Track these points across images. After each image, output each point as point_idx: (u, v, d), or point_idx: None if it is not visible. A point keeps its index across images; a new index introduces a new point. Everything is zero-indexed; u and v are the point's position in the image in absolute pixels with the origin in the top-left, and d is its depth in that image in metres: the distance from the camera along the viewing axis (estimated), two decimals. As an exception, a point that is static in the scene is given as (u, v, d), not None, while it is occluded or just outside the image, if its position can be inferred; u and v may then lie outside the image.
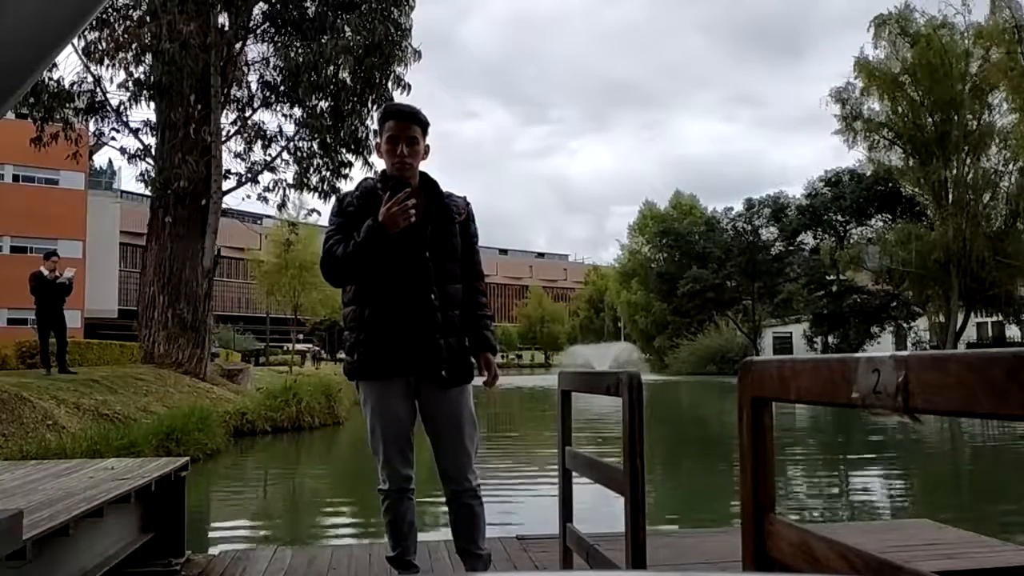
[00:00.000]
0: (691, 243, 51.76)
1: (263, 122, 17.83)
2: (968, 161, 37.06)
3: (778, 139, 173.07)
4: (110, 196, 41.75)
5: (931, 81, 35.91)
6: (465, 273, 2.87)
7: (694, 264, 50.09)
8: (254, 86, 17.42)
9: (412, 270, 2.73)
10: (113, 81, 16.22)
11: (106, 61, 15.38)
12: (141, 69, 15.85)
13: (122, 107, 16.26)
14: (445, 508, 2.93)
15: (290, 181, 17.35)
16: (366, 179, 2.94)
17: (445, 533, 4.17)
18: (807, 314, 44.68)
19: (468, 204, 2.95)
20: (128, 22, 15.60)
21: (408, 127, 2.77)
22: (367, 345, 2.75)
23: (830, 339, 43.73)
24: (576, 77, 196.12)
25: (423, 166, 2.88)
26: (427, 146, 2.85)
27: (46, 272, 11.79)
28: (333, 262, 2.74)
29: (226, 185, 16.43)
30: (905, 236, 36.95)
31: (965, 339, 38.26)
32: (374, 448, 2.81)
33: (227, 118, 16.84)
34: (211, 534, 6.33)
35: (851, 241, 43.06)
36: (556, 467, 2.76)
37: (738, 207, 51.24)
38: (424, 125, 2.82)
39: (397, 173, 2.76)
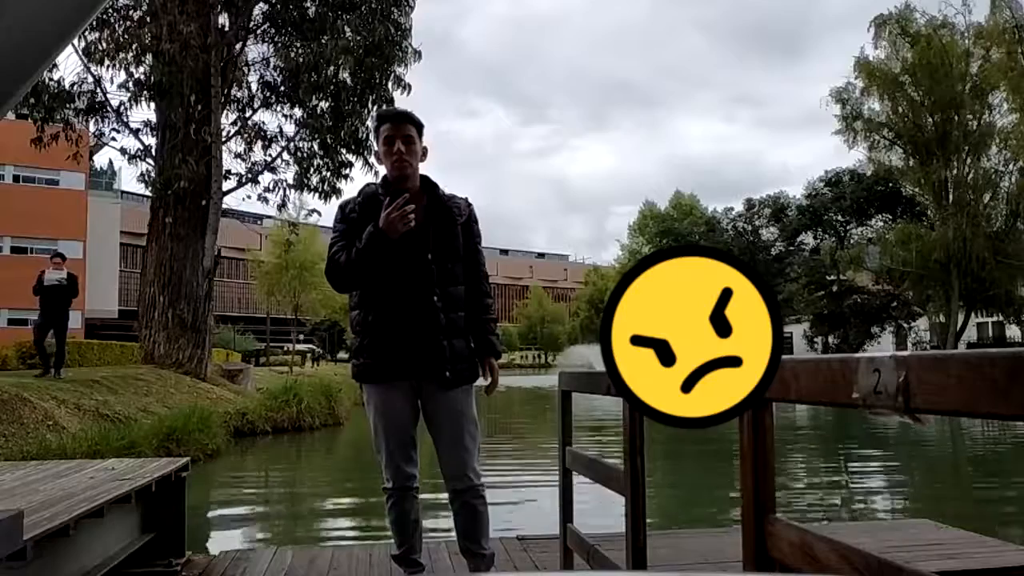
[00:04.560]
0: (691, 243, 51.68)
1: (263, 122, 17.84)
2: (968, 161, 37.07)
3: (778, 139, 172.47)
4: (110, 196, 41.65)
5: (931, 81, 35.93)
6: (468, 274, 2.88)
7: (694, 264, 50.02)
8: (254, 86, 17.44)
9: (414, 273, 2.74)
10: (113, 81, 16.24)
11: (106, 61, 15.37)
12: (141, 69, 15.85)
13: (122, 107, 16.28)
14: (445, 508, 2.92)
15: (290, 181, 17.37)
16: (368, 185, 2.95)
17: (445, 533, 4.17)
18: (807, 314, 44.69)
19: (470, 205, 2.96)
20: (128, 22, 15.59)
21: (403, 127, 2.80)
22: (371, 349, 2.77)
23: (830, 339, 43.75)
24: (576, 77, 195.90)
25: (423, 168, 2.89)
26: (425, 147, 2.87)
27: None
28: (337, 269, 2.77)
29: (226, 185, 16.43)
30: (905, 236, 36.97)
31: (965, 339, 38.25)
32: (377, 447, 2.82)
33: (227, 118, 16.85)
34: (211, 534, 6.33)
35: (851, 241, 43.07)
36: (556, 467, 2.76)
37: (738, 207, 51.45)
38: (419, 125, 2.84)
39: (397, 172, 2.77)
